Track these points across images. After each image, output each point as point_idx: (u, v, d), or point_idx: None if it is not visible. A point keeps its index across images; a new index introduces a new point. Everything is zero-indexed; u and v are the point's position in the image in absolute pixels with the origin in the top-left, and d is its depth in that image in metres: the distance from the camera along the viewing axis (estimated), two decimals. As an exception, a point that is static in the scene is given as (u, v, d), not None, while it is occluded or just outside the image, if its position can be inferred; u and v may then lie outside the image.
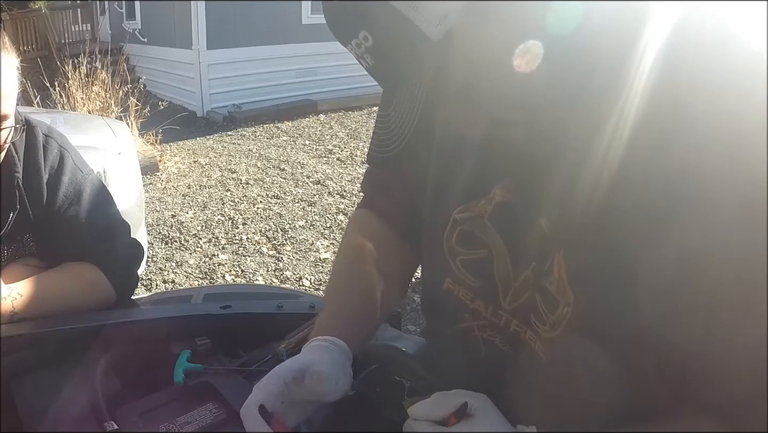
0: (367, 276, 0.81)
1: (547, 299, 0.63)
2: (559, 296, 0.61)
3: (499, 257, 0.69)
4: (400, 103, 0.57)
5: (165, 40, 8.58)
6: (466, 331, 0.76)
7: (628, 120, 0.50)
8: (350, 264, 0.86)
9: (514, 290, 0.68)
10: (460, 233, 0.72)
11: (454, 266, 0.74)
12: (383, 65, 0.56)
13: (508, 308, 0.69)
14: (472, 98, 0.55)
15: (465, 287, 0.74)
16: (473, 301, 0.74)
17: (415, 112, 0.56)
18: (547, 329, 0.64)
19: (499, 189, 0.67)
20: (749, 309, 0.47)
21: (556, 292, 0.61)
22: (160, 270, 3.54)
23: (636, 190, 0.52)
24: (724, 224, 0.47)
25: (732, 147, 0.46)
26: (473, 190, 0.70)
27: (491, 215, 0.68)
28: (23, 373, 0.79)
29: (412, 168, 0.78)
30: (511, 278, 0.68)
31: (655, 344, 0.54)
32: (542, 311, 0.64)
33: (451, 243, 0.74)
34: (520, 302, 0.68)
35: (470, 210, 0.71)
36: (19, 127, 0.97)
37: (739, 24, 0.50)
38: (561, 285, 0.61)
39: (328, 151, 6.22)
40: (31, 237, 1.03)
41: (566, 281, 0.60)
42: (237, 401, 0.76)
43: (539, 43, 0.47)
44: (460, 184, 0.72)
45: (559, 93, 0.52)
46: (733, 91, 0.47)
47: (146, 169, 4.91)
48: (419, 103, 0.56)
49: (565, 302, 0.61)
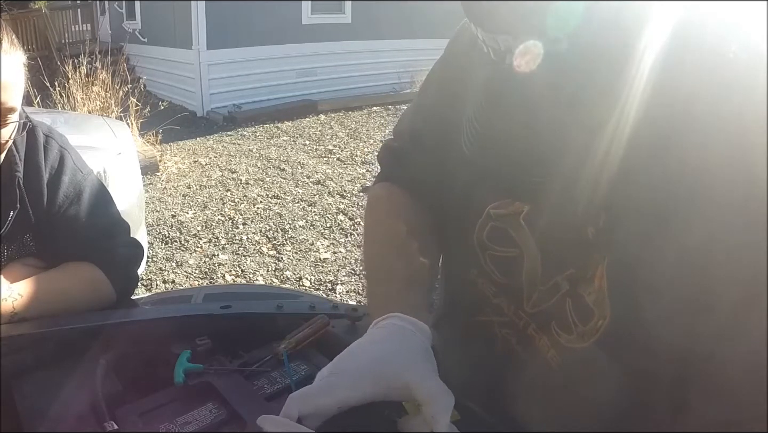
0: (416, 254, 0.73)
1: (580, 308, 0.61)
2: (596, 307, 0.59)
3: (530, 259, 0.67)
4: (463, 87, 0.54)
5: (165, 40, 8.58)
6: (485, 325, 0.74)
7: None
8: (395, 242, 0.76)
9: (539, 293, 0.66)
10: (492, 229, 0.70)
11: (482, 259, 0.72)
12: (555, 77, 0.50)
13: (529, 310, 0.68)
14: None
15: (490, 282, 0.72)
16: (496, 296, 0.72)
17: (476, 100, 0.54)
18: (574, 339, 0.62)
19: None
20: (750, 309, 0.47)
21: (593, 303, 0.60)
22: (160, 270, 3.54)
23: (636, 190, 0.52)
24: (725, 224, 0.47)
25: (733, 147, 0.46)
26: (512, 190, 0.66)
27: (527, 216, 0.66)
28: (23, 373, 0.79)
29: (442, 152, 0.73)
30: (538, 281, 0.66)
31: (655, 346, 0.54)
32: (571, 319, 0.62)
33: (482, 237, 0.71)
34: (543, 306, 0.66)
35: (505, 207, 0.68)
36: (23, 123, 0.97)
37: (739, 24, 0.50)
38: (600, 296, 0.59)
39: (328, 151, 6.23)
40: (30, 237, 1.03)
41: (606, 294, 0.58)
42: (237, 401, 0.76)
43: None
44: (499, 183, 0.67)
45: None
46: (734, 91, 0.47)
47: (146, 169, 4.91)
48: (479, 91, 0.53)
49: (600, 315, 0.59)
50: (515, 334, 0.71)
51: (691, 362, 0.52)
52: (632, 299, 0.55)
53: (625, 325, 0.56)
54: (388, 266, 0.74)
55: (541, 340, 0.66)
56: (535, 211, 0.65)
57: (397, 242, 0.75)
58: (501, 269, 0.71)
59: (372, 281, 0.77)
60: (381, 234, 0.80)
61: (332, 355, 0.88)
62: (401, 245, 0.74)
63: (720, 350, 0.50)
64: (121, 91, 6.02)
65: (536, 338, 0.67)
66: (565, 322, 0.63)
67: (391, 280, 0.71)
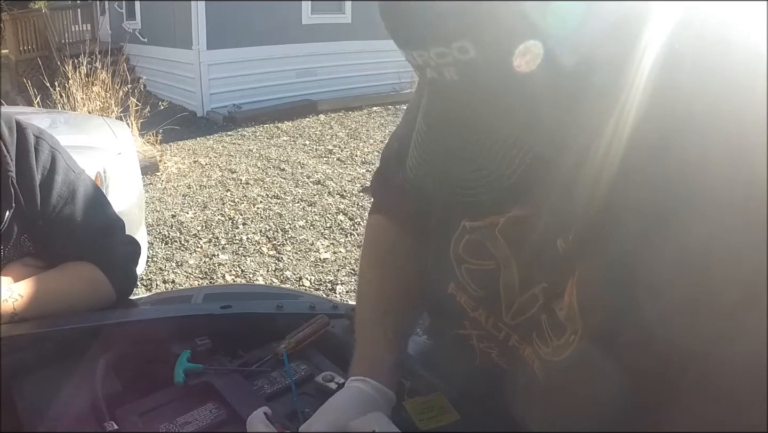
0: (397, 310, 0.81)
1: (553, 323, 0.62)
2: (567, 322, 0.60)
3: (507, 270, 0.67)
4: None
5: (165, 40, 8.58)
6: (464, 338, 0.75)
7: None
8: (378, 296, 0.85)
9: (518, 304, 0.67)
10: (468, 242, 0.71)
11: (458, 273, 0.73)
12: (473, 85, 0.48)
13: (510, 322, 0.68)
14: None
15: (467, 295, 0.73)
16: (474, 310, 0.73)
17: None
18: (550, 352, 0.63)
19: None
20: (750, 309, 0.47)
21: (564, 318, 0.60)
22: (160, 270, 3.54)
23: (636, 190, 0.52)
24: (725, 224, 0.47)
25: (732, 147, 0.46)
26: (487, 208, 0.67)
27: (502, 228, 0.66)
28: (23, 373, 0.79)
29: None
30: (517, 292, 0.66)
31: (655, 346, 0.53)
32: (547, 334, 0.63)
33: (459, 250, 0.72)
34: (523, 317, 0.66)
35: (481, 219, 0.69)
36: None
37: (739, 24, 0.49)
38: (571, 312, 0.59)
39: (328, 151, 6.22)
40: (27, 238, 1.03)
41: (576, 310, 0.58)
42: (237, 401, 0.76)
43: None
44: (447, 202, 0.71)
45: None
46: (734, 91, 0.47)
47: (146, 169, 4.91)
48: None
49: (572, 330, 0.59)
50: (496, 347, 0.72)
51: (691, 362, 0.52)
52: (605, 319, 0.56)
53: (599, 344, 0.57)
54: (370, 334, 0.80)
55: (527, 351, 0.67)
56: (510, 223, 0.65)
57: (381, 309, 0.82)
58: (477, 282, 0.72)
59: (359, 340, 0.81)
60: (369, 298, 0.86)
61: (332, 355, 0.89)
62: (384, 315, 0.81)
63: (720, 350, 0.50)
64: (121, 91, 6.01)
65: (520, 348, 0.68)
66: (542, 335, 0.64)
67: (373, 345, 0.78)
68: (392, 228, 0.87)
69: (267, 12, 7.92)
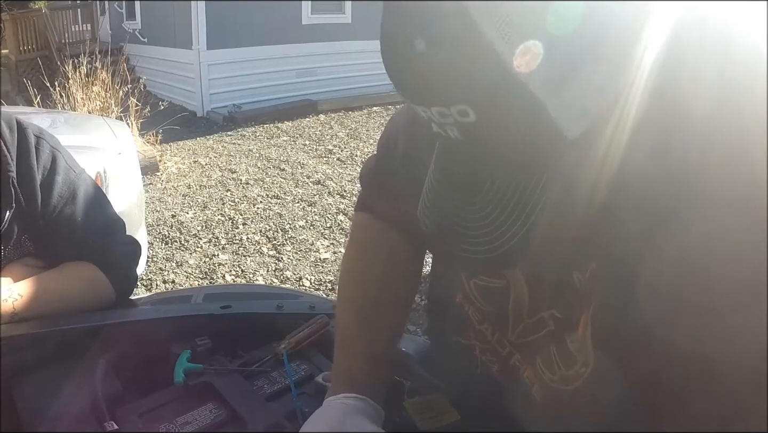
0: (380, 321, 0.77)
1: (563, 353, 0.61)
2: (579, 355, 0.59)
3: (517, 291, 0.66)
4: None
5: (165, 40, 8.58)
6: (467, 347, 0.75)
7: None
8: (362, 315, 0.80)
9: (525, 325, 0.66)
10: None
11: (467, 286, 0.72)
12: (475, 148, 0.48)
13: (514, 340, 0.68)
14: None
15: (475, 308, 0.73)
16: (480, 323, 0.72)
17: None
18: (557, 380, 0.62)
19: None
20: (750, 310, 0.47)
21: (576, 350, 0.60)
22: (160, 270, 3.54)
23: (636, 190, 0.51)
24: (725, 224, 0.47)
25: (733, 147, 0.46)
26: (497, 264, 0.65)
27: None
28: (23, 373, 0.79)
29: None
30: (525, 313, 0.66)
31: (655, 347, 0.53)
32: (555, 362, 0.62)
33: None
34: (528, 338, 0.66)
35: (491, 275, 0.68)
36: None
37: (740, 23, 0.49)
38: (584, 345, 0.59)
39: (328, 151, 6.22)
40: (27, 238, 1.03)
41: (590, 343, 0.58)
42: (237, 401, 0.76)
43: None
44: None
45: None
46: (735, 91, 0.47)
47: (146, 169, 4.91)
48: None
49: (583, 362, 0.59)
50: (497, 362, 0.71)
51: (691, 362, 0.52)
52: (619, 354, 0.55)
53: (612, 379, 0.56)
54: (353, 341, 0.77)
55: (527, 371, 0.66)
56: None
57: (363, 315, 0.78)
58: (486, 298, 0.71)
59: (338, 348, 0.78)
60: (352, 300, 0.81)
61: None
62: (367, 319, 0.77)
63: (720, 350, 0.50)
64: (121, 91, 6.01)
65: (521, 368, 0.67)
66: (548, 360, 0.63)
67: (354, 355, 0.75)
68: (379, 229, 0.83)
69: (267, 12, 7.92)
